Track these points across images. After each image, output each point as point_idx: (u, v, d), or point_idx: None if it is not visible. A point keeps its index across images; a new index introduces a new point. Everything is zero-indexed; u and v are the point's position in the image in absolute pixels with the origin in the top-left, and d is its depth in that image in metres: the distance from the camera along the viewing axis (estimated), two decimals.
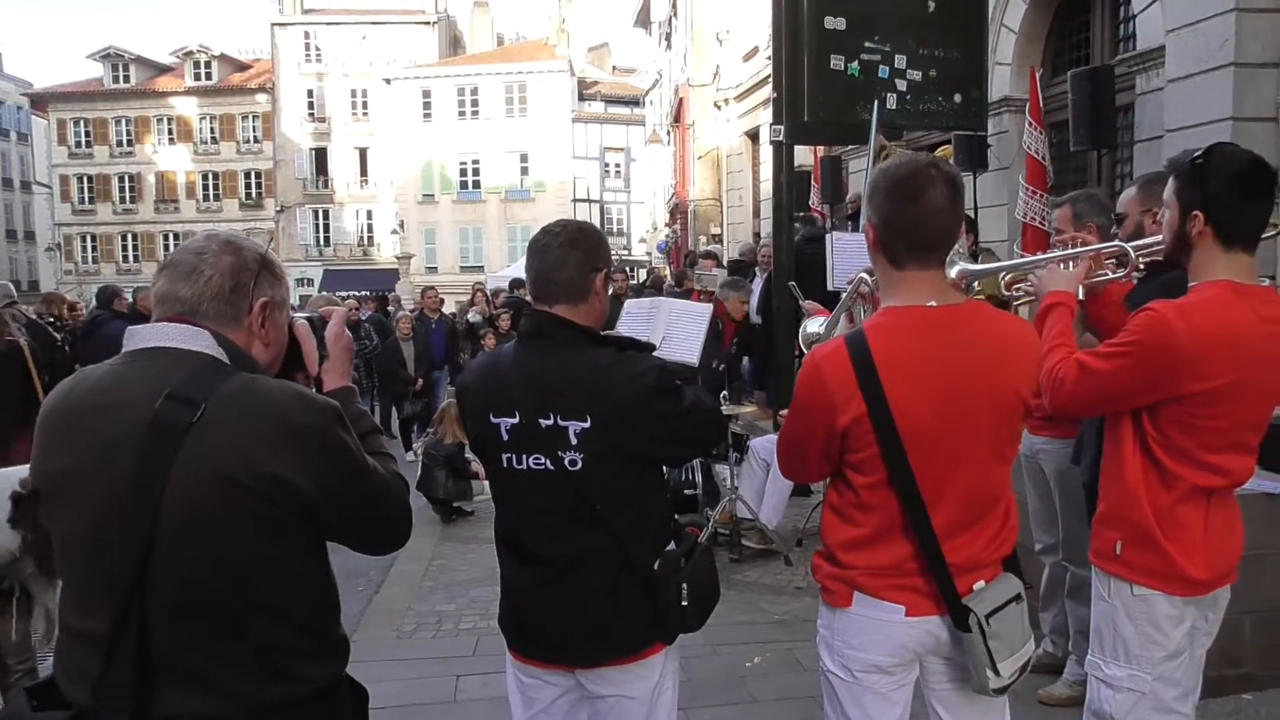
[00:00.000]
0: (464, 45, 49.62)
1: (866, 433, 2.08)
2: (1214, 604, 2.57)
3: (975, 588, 2.13)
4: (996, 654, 2.09)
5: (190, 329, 1.72)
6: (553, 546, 2.36)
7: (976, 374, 2.09)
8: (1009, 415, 2.15)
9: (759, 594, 5.76)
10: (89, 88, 47.64)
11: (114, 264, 46.58)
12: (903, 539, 2.13)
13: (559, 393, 2.30)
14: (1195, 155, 2.45)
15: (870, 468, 2.11)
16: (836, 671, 2.25)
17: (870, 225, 2.18)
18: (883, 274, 2.22)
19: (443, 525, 8.10)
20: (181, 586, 1.62)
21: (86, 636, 1.64)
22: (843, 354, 2.09)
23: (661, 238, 30.30)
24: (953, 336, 2.11)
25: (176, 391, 1.63)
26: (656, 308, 3.86)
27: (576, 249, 2.40)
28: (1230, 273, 2.41)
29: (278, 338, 1.87)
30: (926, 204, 2.08)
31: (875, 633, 2.17)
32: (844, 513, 2.21)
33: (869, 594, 2.16)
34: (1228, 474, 2.47)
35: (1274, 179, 2.45)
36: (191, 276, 1.75)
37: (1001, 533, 2.21)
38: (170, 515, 1.60)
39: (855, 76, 7.10)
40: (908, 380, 2.06)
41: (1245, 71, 6.45)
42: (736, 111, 19.90)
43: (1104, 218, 3.68)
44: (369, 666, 4.78)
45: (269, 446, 1.63)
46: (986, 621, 2.09)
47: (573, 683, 2.43)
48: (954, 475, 2.10)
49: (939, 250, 2.14)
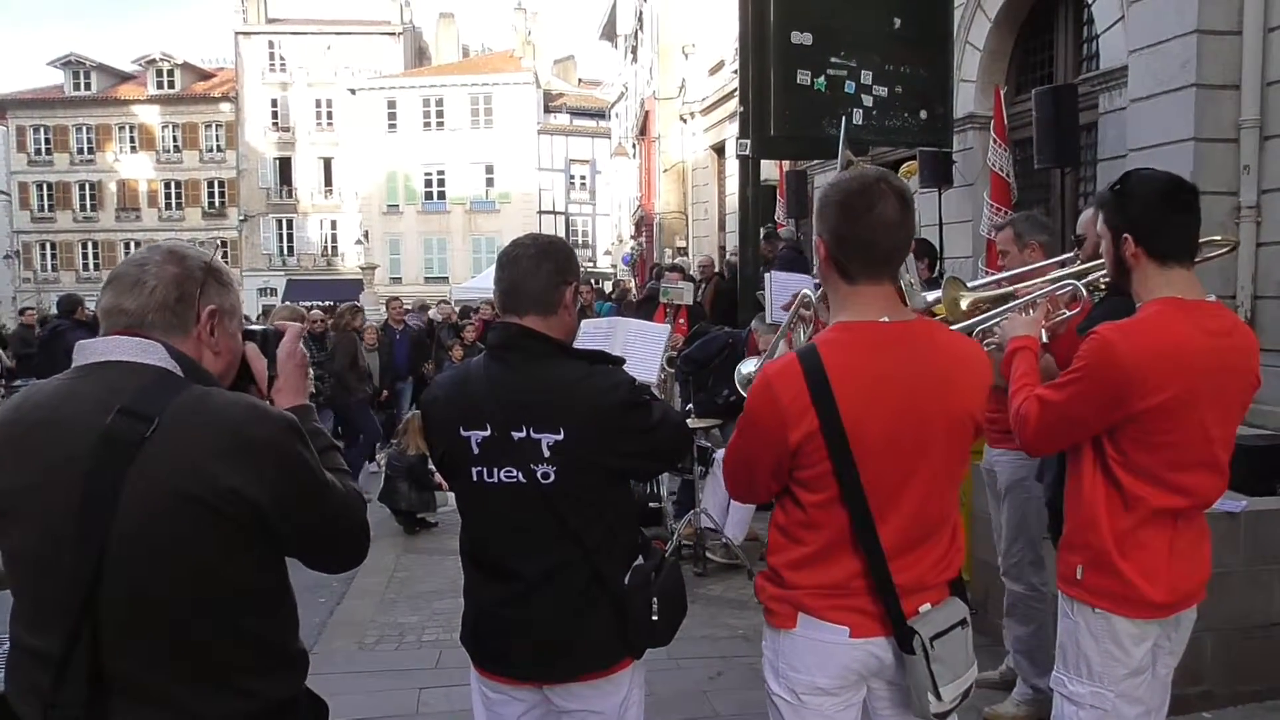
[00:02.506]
0: (429, 56, 49.54)
1: (818, 449, 2.05)
2: (1177, 624, 2.58)
3: (921, 610, 2.11)
4: (939, 678, 2.07)
5: (142, 342, 1.69)
6: (522, 561, 2.34)
7: (929, 391, 2.08)
8: (960, 433, 2.15)
9: (723, 608, 5.76)
10: (49, 95, 46.99)
11: (74, 272, 45.90)
12: (850, 556, 2.10)
13: (532, 405, 2.29)
14: (1114, 183, 2.55)
15: (820, 485, 2.09)
16: (782, 694, 2.21)
17: (821, 240, 2.17)
18: (834, 289, 2.20)
19: (405, 537, 8.04)
20: (134, 603, 1.59)
21: (37, 654, 1.61)
22: (795, 369, 2.07)
23: (627, 250, 30.32)
24: (906, 353, 2.10)
25: (129, 406, 1.60)
26: (614, 328, 3.87)
27: (547, 261, 2.39)
28: (1170, 289, 2.46)
29: (229, 346, 1.84)
30: (878, 217, 2.07)
31: (819, 654, 2.14)
32: (790, 531, 2.18)
33: (813, 615, 2.13)
34: (1192, 494, 2.48)
35: (1194, 193, 2.52)
36: (135, 289, 1.72)
37: (948, 554, 2.19)
38: (123, 531, 1.57)
39: (821, 91, 7.16)
40: (861, 395, 2.04)
41: (1206, 92, 6.55)
42: (702, 125, 19.98)
43: (1044, 235, 3.75)
44: (330, 679, 4.73)
45: (224, 460, 1.60)
46: (931, 644, 2.07)
47: (539, 698, 2.41)
48: (903, 493, 2.09)
49: (890, 264, 2.14)
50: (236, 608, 1.67)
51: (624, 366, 2.65)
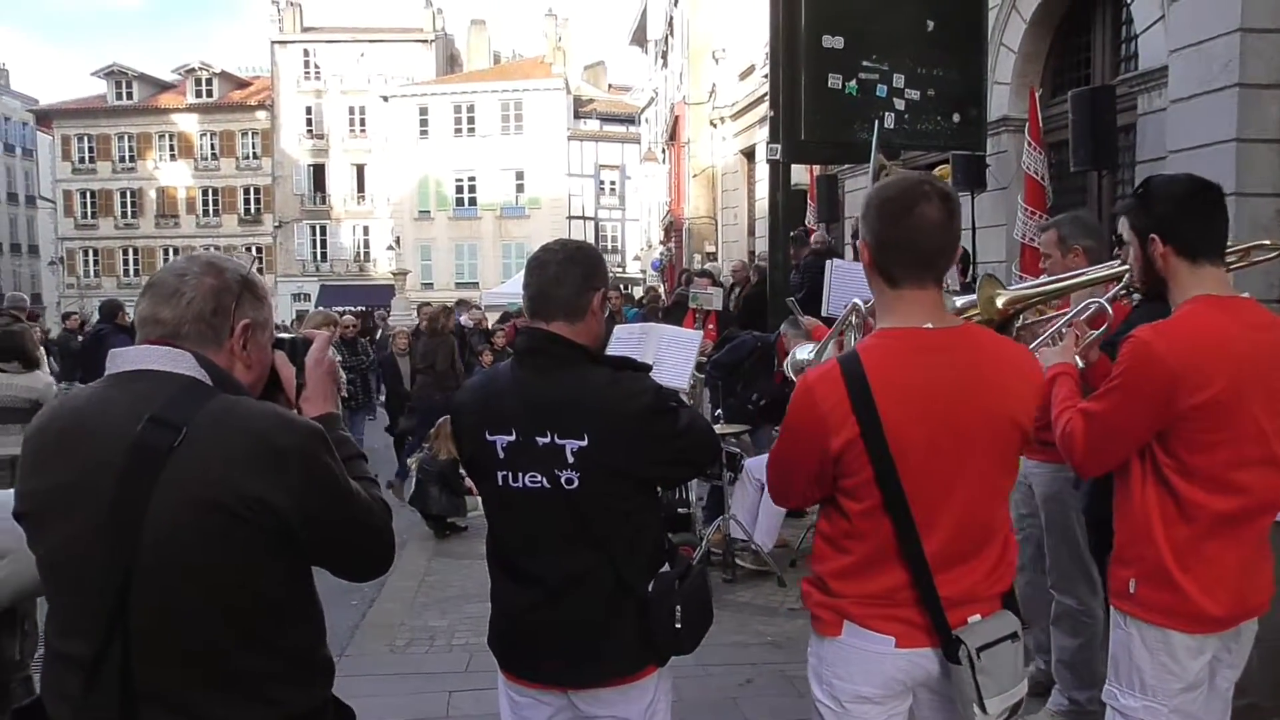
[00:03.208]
0: (461, 63, 49.88)
1: (860, 456, 2.02)
2: (1237, 636, 2.49)
3: (970, 620, 2.07)
4: (985, 689, 2.03)
5: (172, 351, 1.70)
6: (547, 566, 2.33)
7: (973, 399, 2.04)
8: (1006, 443, 2.10)
9: (752, 615, 5.71)
10: (92, 104, 47.94)
11: (115, 278, 46.67)
12: (895, 567, 2.07)
13: (557, 411, 2.28)
14: (1136, 188, 2.52)
15: (863, 493, 2.05)
16: (826, 702, 2.18)
17: (864, 244, 2.15)
18: (878, 294, 2.17)
19: (436, 541, 8.07)
20: (163, 610, 1.61)
21: (69, 659, 1.63)
22: (836, 376, 2.04)
23: (656, 255, 30.33)
24: (949, 360, 2.06)
25: (158, 415, 1.62)
26: (647, 334, 3.85)
27: (576, 267, 2.38)
28: (1202, 287, 2.41)
29: (260, 358, 1.86)
30: (921, 219, 2.04)
31: (864, 663, 2.11)
32: (835, 541, 2.15)
33: (859, 624, 2.10)
34: (1253, 493, 2.38)
35: (1219, 192, 2.48)
36: (173, 299, 1.73)
37: (999, 567, 2.15)
38: (152, 539, 1.58)
39: (853, 95, 7.10)
40: (903, 403, 2.01)
41: (1250, 92, 6.43)
42: (732, 130, 19.95)
43: (1090, 239, 3.66)
44: (361, 681, 4.78)
45: (251, 469, 1.61)
46: (977, 655, 2.03)
47: (565, 702, 2.39)
48: (948, 503, 2.05)
49: (935, 268, 2.10)
50: (263, 616, 1.68)
51: (656, 372, 2.63)
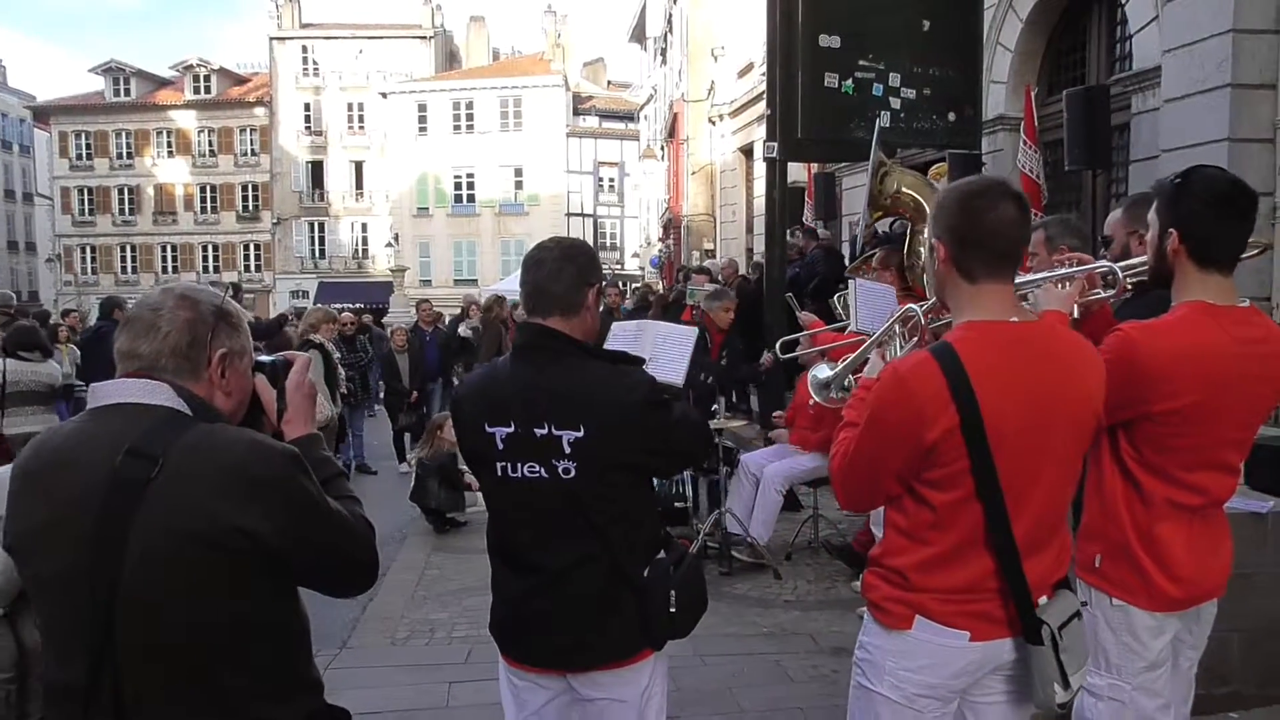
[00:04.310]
0: (460, 60, 49.84)
1: (957, 446, 2.04)
2: (1197, 617, 2.60)
3: (1040, 602, 2.13)
4: (1068, 666, 2.10)
5: (149, 383, 1.74)
6: (545, 554, 2.40)
7: (1059, 390, 2.11)
8: (1084, 431, 2.18)
9: (748, 607, 5.78)
10: (90, 101, 47.80)
11: (113, 275, 46.65)
12: (982, 555, 2.10)
13: (554, 403, 2.34)
14: (1176, 176, 2.51)
15: (955, 483, 2.08)
16: (885, 693, 2.20)
17: (940, 242, 2.19)
18: (954, 290, 2.21)
19: (436, 535, 8.13)
20: (148, 639, 1.64)
21: (66, 687, 1.67)
22: (932, 366, 2.06)
23: (655, 253, 30.38)
24: (1038, 351, 2.13)
25: (135, 447, 1.65)
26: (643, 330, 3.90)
27: (570, 264, 2.45)
28: (1204, 293, 2.45)
29: (239, 385, 1.88)
30: (1000, 216, 2.12)
31: (933, 657, 2.14)
32: (914, 533, 2.16)
33: (934, 619, 2.13)
34: (1205, 492, 2.49)
35: (1253, 202, 2.48)
36: (150, 333, 1.77)
37: (1064, 552, 2.23)
38: (133, 572, 1.62)
39: (849, 94, 7.18)
40: (998, 392, 2.05)
41: (1242, 92, 6.50)
42: (731, 127, 20.02)
43: (1075, 239, 3.74)
44: (363, 673, 4.83)
45: (229, 499, 1.64)
46: (1059, 634, 2.09)
47: (564, 686, 2.46)
48: (1034, 490, 2.10)
49: (1012, 262, 2.17)
50: (249, 640, 1.71)
51: (652, 367, 2.70)
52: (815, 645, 5.11)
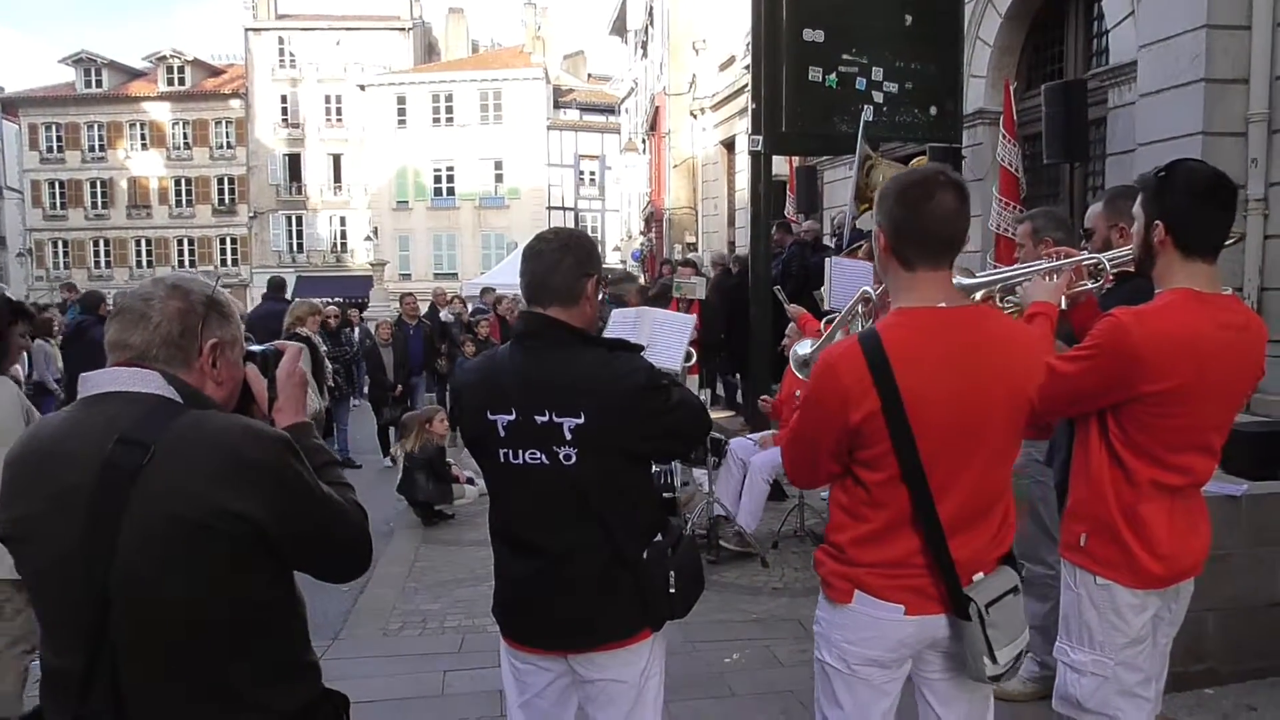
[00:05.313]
0: (439, 52, 49.60)
1: (880, 429, 2.15)
2: (1176, 595, 2.70)
3: (975, 578, 2.23)
4: (995, 642, 2.20)
5: (140, 371, 1.75)
6: (547, 537, 2.46)
7: (987, 373, 2.19)
8: (1016, 414, 2.26)
9: (738, 594, 5.87)
10: (60, 92, 47.15)
11: (86, 270, 46.03)
12: (910, 533, 2.21)
13: (554, 390, 2.40)
14: (1160, 169, 2.60)
15: (882, 464, 2.19)
16: (833, 663, 2.35)
17: (881, 230, 2.29)
18: (894, 277, 2.31)
19: (424, 528, 8.14)
20: (143, 625, 1.66)
21: (63, 674, 1.69)
22: (856, 351, 2.17)
23: (636, 246, 30.40)
24: (964, 336, 2.21)
25: (127, 434, 1.66)
26: (641, 317, 4.00)
27: (570, 254, 2.50)
28: (1190, 281, 2.54)
29: (231, 374, 1.90)
30: (936, 207, 2.19)
31: (873, 630, 2.26)
32: (852, 510, 2.29)
33: (870, 593, 2.25)
34: (1188, 473, 2.59)
35: (1233, 193, 2.59)
36: (140, 323, 1.78)
37: (1001, 530, 2.32)
38: (127, 556, 1.63)
39: (833, 88, 7.26)
40: (921, 377, 2.15)
41: (1215, 87, 6.62)
42: (712, 121, 20.07)
43: (1061, 232, 3.85)
44: (357, 663, 4.88)
45: (221, 483, 1.65)
46: (986, 611, 2.19)
47: (565, 667, 2.53)
48: (962, 472, 2.19)
49: (949, 251, 2.25)
50: (244, 624, 1.73)
51: (650, 353, 2.74)
52: (803, 630, 5.19)
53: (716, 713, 4.30)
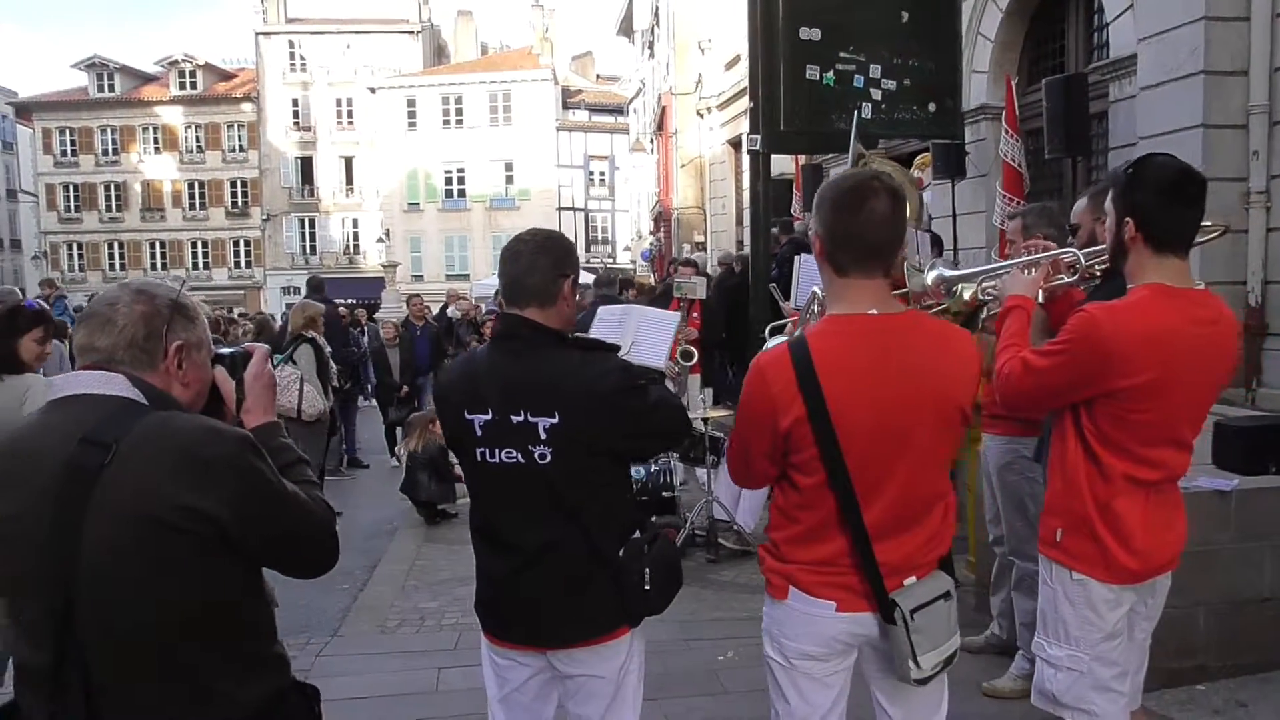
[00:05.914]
0: (448, 54, 49.73)
1: (806, 435, 2.18)
2: (1152, 590, 2.70)
3: (905, 583, 2.25)
4: (918, 647, 2.21)
5: (104, 374, 1.78)
6: (524, 535, 2.48)
7: (914, 380, 2.19)
8: (945, 421, 2.26)
9: (735, 592, 5.89)
10: (74, 97, 47.54)
11: (100, 272, 46.34)
12: (837, 536, 2.24)
13: (530, 391, 2.42)
14: (1129, 165, 2.61)
15: (810, 468, 2.22)
16: (775, 658, 2.39)
17: (816, 236, 2.30)
18: (828, 283, 2.33)
19: (426, 527, 8.20)
20: (109, 624, 1.68)
21: (35, 670, 1.72)
22: (785, 359, 2.21)
23: (646, 246, 30.42)
24: (892, 343, 2.22)
25: (89, 435, 1.69)
26: (627, 314, 4.03)
27: (546, 255, 2.53)
28: (1161, 276, 2.55)
29: (197, 376, 1.92)
30: (868, 214, 2.20)
31: (807, 625, 2.30)
32: (787, 511, 2.34)
33: (804, 590, 2.29)
34: (1162, 467, 2.59)
35: (1202, 188, 2.58)
36: (106, 327, 1.81)
37: (939, 533, 2.33)
38: (91, 556, 1.66)
39: (830, 86, 7.22)
40: (846, 384, 2.17)
41: (1215, 79, 6.60)
42: (719, 120, 20.07)
43: (1052, 229, 3.87)
44: (354, 659, 4.90)
45: (180, 480, 1.68)
46: (911, 616, 2.21)
47: (544, 663, 2.55)
48: (889, 477, 2.21)
49: (882, 259, 2.25)
50: (210, 619, 1.75)
51: (635, 351, 2.76)
52: None
53: (709, 709, 4.31)
